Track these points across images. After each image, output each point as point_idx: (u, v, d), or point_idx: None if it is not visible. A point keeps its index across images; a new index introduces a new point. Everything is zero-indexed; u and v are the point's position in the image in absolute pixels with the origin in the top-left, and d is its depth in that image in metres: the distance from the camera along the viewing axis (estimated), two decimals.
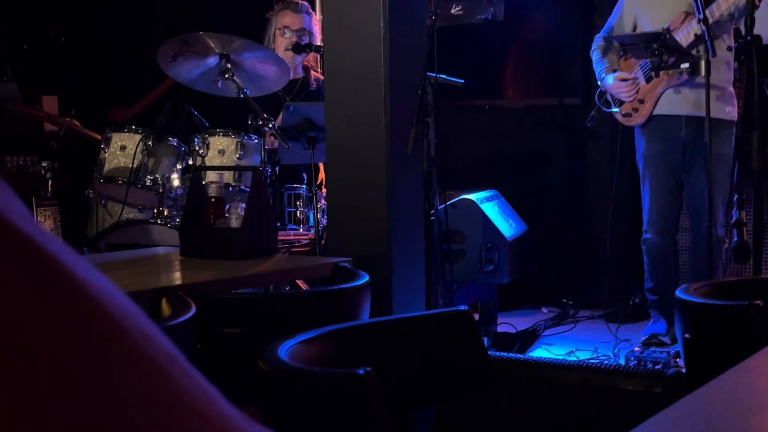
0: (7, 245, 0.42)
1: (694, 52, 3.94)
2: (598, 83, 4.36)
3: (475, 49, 5.63)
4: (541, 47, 5.68)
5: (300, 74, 4.58)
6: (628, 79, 4.22)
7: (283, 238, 4.09)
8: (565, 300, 5.25)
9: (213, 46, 3.76)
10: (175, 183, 3.97)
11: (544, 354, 4.31)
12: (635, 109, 4.25)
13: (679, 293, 1.85)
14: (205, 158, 3.91)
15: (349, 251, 2.99)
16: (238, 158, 3.90)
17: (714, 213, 3.80)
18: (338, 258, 2.48)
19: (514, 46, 5.75)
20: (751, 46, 3.10)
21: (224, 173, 3.85)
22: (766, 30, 3.49)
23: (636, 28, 4.27)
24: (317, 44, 4.32)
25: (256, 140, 3.95)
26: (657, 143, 4.24)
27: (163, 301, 1.81)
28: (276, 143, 4.08)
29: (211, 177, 2.85)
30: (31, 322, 0.40)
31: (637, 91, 4.22)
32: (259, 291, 2.93)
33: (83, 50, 6.06)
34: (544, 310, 5.28)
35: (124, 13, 6.11)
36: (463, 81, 4.21)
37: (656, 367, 3.68)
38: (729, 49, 4.05)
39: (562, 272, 5.43)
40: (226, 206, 2.67)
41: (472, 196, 4.58)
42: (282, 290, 3.35)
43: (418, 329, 1.64)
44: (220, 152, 3.94)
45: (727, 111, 4.14)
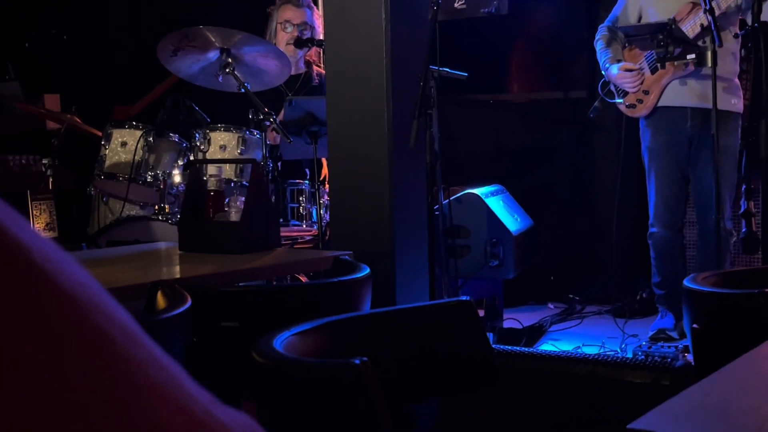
0: None
1: (701, 43, 3.89)
2: (602, 73, 4.31)
3: (479, 44, 5.58)
4: (546, 41, 5.63)
5: (302, 69, 4.55)
6: (633, 70, 4.17)
7: (286, 234, 4.05)
8: (571, 295, 5.20)
9: (213, 40, 3.72)
10: (177, 179, 3.94)
11: (550, 350, 4.27)
12: (639, 101, 4.20)
13: (687, 282, 1.81)
14: (207, 153, 3.88)
15: (353, 247, 2.95)
16: (240, 153, 3.87)
17: (721, 206, 3.75)
18: (339, 252, 2.43)
19: (518, 39, 5.70)
20: (758, 33, 3.05)
21: (225, 169, 3.82)
22: None
23: (641, 19, 4.22)
24: (319, 39, 4.28)
25: (257, 135, 3.92)
26: (662, 135, 4.19)
27: (159, 294, 1.78)
28: (278, 139, 4.04)
29: (211, 171, 2.81)
30: None
31: (642, 82, 4.17)
32: (261, 284, 2.89)
33: (85, 48, 6.04)
34: (551, 305, 5.23)
35: (125, 10, 6.09)
36: (466, 74, 4.16)
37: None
38: (735, 37, 3.99)
39: (568, 267, 5.39)
40: (226, 200, 2.63)
41: (477, 191, 4.54)
42: (281, 283, 3.31)
43: (418, 320, 1.59)
44: (222, 147, 3.90)
45: (733, 103, 4.09)
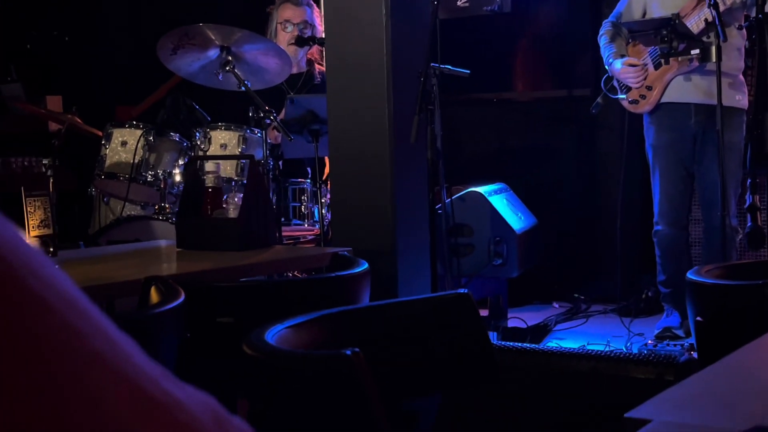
0: None
1: (705, 39, 3.85)
2: (606, 67, 4.27)
3: (482, 42, 5.55)
4: (549, 39, 5.59)
5: (304, 68, 4.52)
6: (637, 65, 4.13)
7: (288, 233, 4.03)
8: (576, 294, 5.16)
9: (213, 38, 3.69)
10: (177, 178, 3.91)
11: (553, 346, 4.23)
12: (642, 96, 4.16)
13: (690, 275, 1.78)
14: (207, 152, 3.85)
15: (354, 245, 2.92)
16: (241, 152, 3.84)
17: (726, 203, 3.71)
18: (338, 248, 2.41)
19: (521, 38, 5.67)
20: (762, 24, 3.01)
21: (226, 168, 3.80)
22: None
23: (645, 15, 4.18)
24: (320, 37, 4.25)
25: (258, 134, 3.89)
26: (666, 132, 4.16)
27: (153, 289, 1.75)
28: (279, 138, 4.02)
29: (209, 168, 2.79)
30: None
31: (645, 78, 4.13)
32: (260, 279, 2.86)
33: (87, 49, 6.02)
34: (555, 305, 5.20)
35: (127, 11, 6.07)
36: (468, 72, 4.13)
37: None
38: (739, 28, 3.95)
39: (572, 266, 5.35)
40: (224, 197, 2.60)
41: (480, 189, 4.50)
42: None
43: (415, 314, 1.56)
44: (222, 146, 3.88)
45: (738, 99, 4.04)
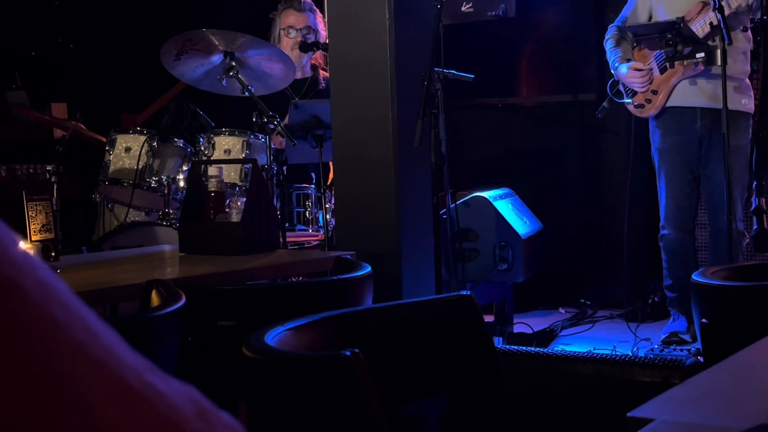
0: None
1: (710, 42, 3.84)
2: (612, 72, 4.26)
3: (487, 47, 5.54)
4: (554, 43, 5.58)
5: (308, 73, 4.52)
6: (643, 69, 4.11)
7: (292, 239, 4.02)
8: (582, 300, 5.14)
9: (217, 43, 3.69)
10: (181, 184, 3.91)
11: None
12: (648, 100, 4.15)
13: (695, 277, 1.76)
14: (211, 158, 3.84)
15: (358, 249, 2.91)
16: (245, 158, 3.83)
17: (733, 207, 3.69)
18: (341, 252, 2.39)
19: (526, 42, 5.66)
20: (767, 26, 2.99)
21: (230, 173, 3.79)
22: None
23: (651, 19, 4.17)
24: (325, 42, 4.24)
25: (262, 139, 3.88)
26: (671, 136, 4.14)
27: (153, 292, 1.74)
28: (283, 143, 4.01)
29: (212, 172, 2.78)
30: None
31: (651, 82, 4.12)
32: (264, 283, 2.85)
33: (91, 56, 6.02)
34: (561, 310, 5.17)
35: (131, 19, 6.07)
36: (472, 76, 4.12)
37: None
38: (744, 30, 3.93)
39: (578, 271, 5.33)
40: (227, 201, 2.59)
41: (485, 194, 4.49)
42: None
43: (417, 316, 1.55)
44: (226, 152, 3.87)
45: (744, 103, 4.03)
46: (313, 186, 4.15)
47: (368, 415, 1.11)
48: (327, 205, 3.90)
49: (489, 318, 4.40)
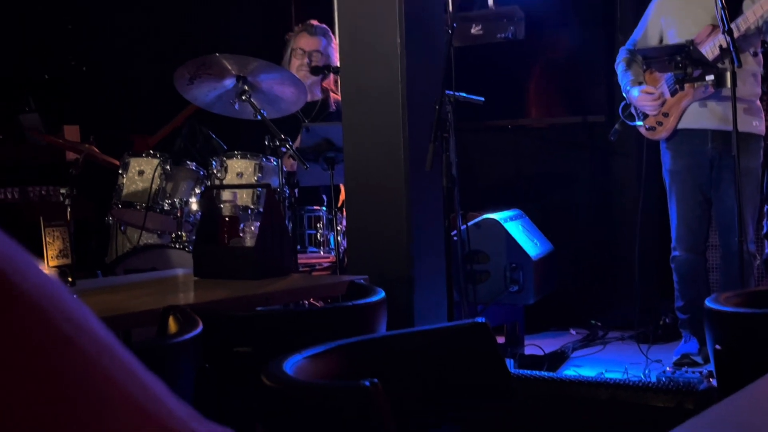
0: None
1: (720, 65, 3.86)
2: (624, 95, 4.28)
3: (497, 69, 5.57)
4: (563, 65, 5.61)
5: (319, 96, 4.55)
6: (654, 93, 4.13)
7: (304, 261, 4.03)
8: (593, 321, 5.14)
9: (230, 67, 3.72)
10: (194, 207, 3.93)
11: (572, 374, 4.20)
12: (659, 123, 4.16)
13: (708, 303, 1.77)
14: (224, 181, 3.87)
15: (370, 272, 2.92)
16: (257, 180, 3.86)
17: (744, 228, 3.69)
18: (354, 276, 2.41)
19: (535, 64, 5.69)
20: None
21: (242, 196, 3.81)
22: None
23: (662, 41, 4.19)
24: (336, 66, 4.27)
25: (274, 162, 3.91)
26: (682, 158, 4.15)
27: (171, 318, 1.75)
28: (295, 165, 4.03)
29: (226, 197, 2.80)
30: None
31: (662, 104, 4.14)
32: (277, 308, 2.86)
33: (104, 79, 6.07)
34: (572, 331, 5.17)
35: (144, 41, 6.12)
36: (483, 99, 4.15)
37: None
38: (755, 55, 3.96)
39: (589, 293, 5.32)
40: (241, 225, 2.61)
41: (496, 216, 4.50)
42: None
43: (432, 343, 1.56)
44: (239, 175, 3.89)
45: (755, 125, 4.04)
46: (325, 208, 4.17)
47: None
48: (338, 227, 3.92)
49: (500, 339, 4.40)
